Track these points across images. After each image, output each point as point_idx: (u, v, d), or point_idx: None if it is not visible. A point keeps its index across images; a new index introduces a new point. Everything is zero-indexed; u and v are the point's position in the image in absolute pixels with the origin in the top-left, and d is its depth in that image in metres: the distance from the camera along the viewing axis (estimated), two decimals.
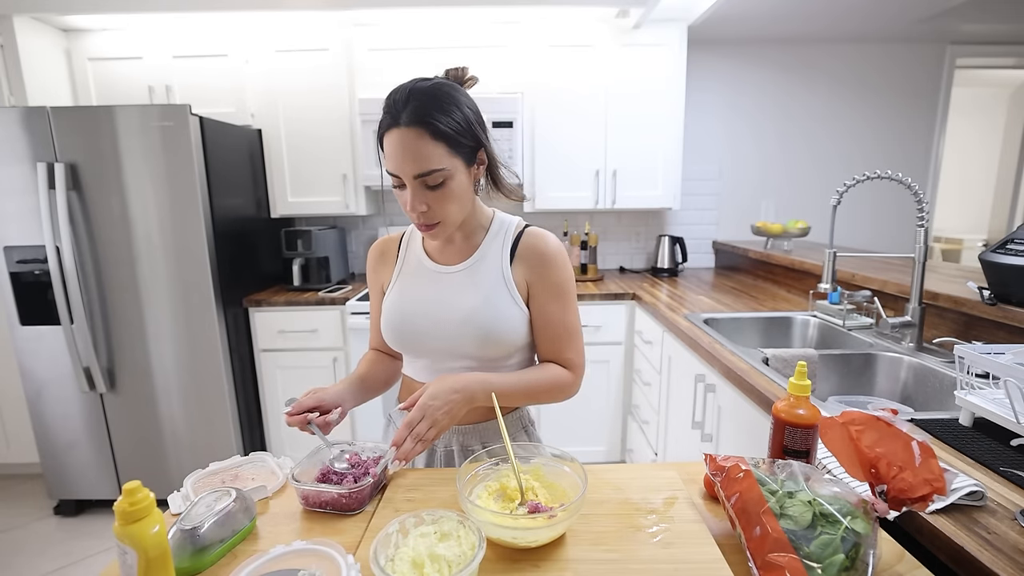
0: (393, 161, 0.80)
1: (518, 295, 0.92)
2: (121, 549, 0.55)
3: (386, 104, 0.82)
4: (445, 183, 0.82)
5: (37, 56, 2.32)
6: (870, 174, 1.34)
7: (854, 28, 2.65)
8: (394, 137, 0.79)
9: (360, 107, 2.36)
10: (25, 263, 2.07)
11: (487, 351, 0.91)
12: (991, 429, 0.92)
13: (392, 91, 0.82)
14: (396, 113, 0.79)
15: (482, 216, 0.96)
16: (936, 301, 1.43)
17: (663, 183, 2.58)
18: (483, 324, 0.89)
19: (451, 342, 0.91)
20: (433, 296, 0.92)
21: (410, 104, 0.79)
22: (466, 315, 0.89)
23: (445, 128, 0.79)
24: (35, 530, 2.18)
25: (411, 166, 0.79)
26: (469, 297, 0.90)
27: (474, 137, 0.84)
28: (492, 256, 0.93)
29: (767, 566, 0.57)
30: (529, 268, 0.92)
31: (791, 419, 0.74)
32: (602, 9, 2.34)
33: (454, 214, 0.86)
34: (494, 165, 0.91)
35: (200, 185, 2.07)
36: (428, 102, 0.79)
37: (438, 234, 0.87)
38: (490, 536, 0.65)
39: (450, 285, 0.93)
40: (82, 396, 2.18)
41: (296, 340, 2.36)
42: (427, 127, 0.78)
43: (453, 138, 0.80)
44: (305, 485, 0.75)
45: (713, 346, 1.51)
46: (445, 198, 0.83)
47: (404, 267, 0.98)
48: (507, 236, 0.95)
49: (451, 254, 0.95)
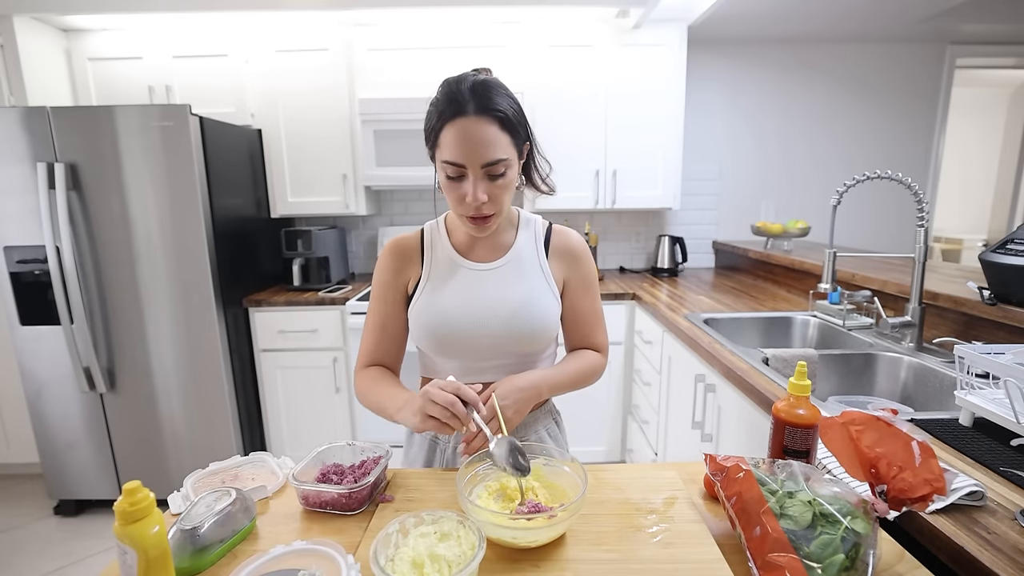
0: (459, 150, 0.79)
1: (556, 289, 0.95)
2: (121, 549, 0.55)
3: (444, 96, 0.81)
4: (506, 173, 0.83)
5: (37, 56, 2.32)
6: (870, 174, 1.34)
7: (854, 28, 2.65)
8: (461, 126, 0.79)
9: (360, 107, 2.36)
10: (25, 263, 2.07)
11: (527, 346, 0.93)
12: (991, 429, 0.92)
13: (447, 84, 0.82)
14: (461, 103, 0.79)
15: (510, 213, 0.98)
16: (936, 301, 1.43)
17: (663, 183, 2.58)
18: (530, 318, 0.91)
19: (496, 339, 0.91)
20: (477, 294, 0.92)
21: (476, 94, 0.79)
22: (513, 310, 0.90)
23: (510, 116, 0.81)
24: (35, 530, 2.18)
25: (480, 154, 0.79)
26: (515, 292, 0.91)
27: (526, 128, 0.86)
28: (528, 252, 0.95)
29: (767, 566, 0.57)
30: (565, 264, 0.96)
31: (791, 419, 0.74)
32: (602, 9, 2.34)
33: (506, 205, 0.87)
34: (531, 159, 0.93)
35: (200, 185, 2.07)
36: (493, 93, 0.80)
37: (489, 226, 0.87)
38: (490, 536, 0.65)
39: (492, 282, 0.92)
40: (82, 396, 2.18)
41: (296, 340, 2.36)
42: (495, 116, 0.79)
43: (515, 128, 0.82)
44: (305, 485, 0.75)
45: (713, 346, 1.51)
46: (503, 189, 0.83)
47: (434, 266, 0.94)
48: (537, 232, 0.97)
49: (484, 251, 0.95)
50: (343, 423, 2.45)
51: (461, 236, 0.96)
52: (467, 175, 0.81)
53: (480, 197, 0.81)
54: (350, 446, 0.85)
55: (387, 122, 2.36)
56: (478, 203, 0.82)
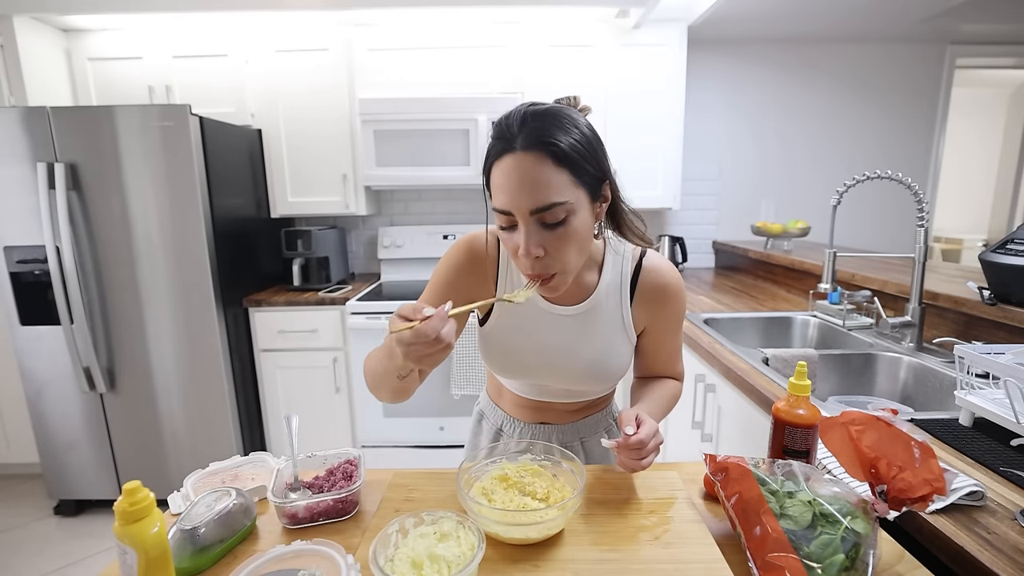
0: (506, 193, 0.67)
1: (634, 335, 0.89)
2: (121, 549, 0.55)
3: (496, 130, 0.70)
4: (567, 220, 0.68)
5: (37, 56, 2.32)
6: (870, 174, 1.34)
7: (854, 28, 2.65)
8: (508, 164, 0.67)
9: (360, 107, 2.36)
10: (25, 263, 2.07)
11: (596, 388, 0.91)
12: (991, 429, 0.92)
13: (503, 116, 0.69)
14: (510, 137, 0.67)
15: (594, 250, 0.85)
16: (936, 301, 1.43)
17: (663, 183, 2.58)
18: (604, 374, 0.87)
19: (566, 384, 0.89)
20: (549, 340, 0.85)
21: (527, 125, 0.66)
22: (588, 363, 0.85)
23: (567, 150, 0.66)
24: (35, 530, 2.18)
25: (529, 199, 0.66)
26: (591, 347, 0.85)
27: (598, 164, 0.71)
28: (611, 298, 0.85)
29: (767, 566, 0.57)
30: (651, 307, 0.87)
31: (791, 419, 0.74)
32: (602, 9, 2.34)
33: (574, 261, 0.72)
34: (617, 201, 0.79)
35: (200, 185, 2.07)
36: (548, 122, 0.67)
37: (556, 287, 0.74)
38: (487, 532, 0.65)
39: (567, 329, 0.84)
40: (82, 396, 2.18)
41: (296, 340, 2.36)
42: (547, 150, 0.65)
43: (577, 163, 0.67)
44: (300, 500, 0.72)
45: (713, 346, 1.51)
46: (565, 240, 0.69)
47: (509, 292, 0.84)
48: (624, 272, 0.86)
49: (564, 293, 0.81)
50: (343, 423, 2.45)
51: None
52: (518, 224, 0.69)
53: (533, 251, 0.68)
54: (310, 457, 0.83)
55: (387, 122, 2.36)
56: (531, 257, 0.69)
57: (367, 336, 2.29)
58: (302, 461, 0.82)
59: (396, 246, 2.78)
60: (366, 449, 2.42)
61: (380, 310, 2.28)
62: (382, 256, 2.79)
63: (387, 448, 2.42)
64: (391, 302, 2.30)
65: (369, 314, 2.27)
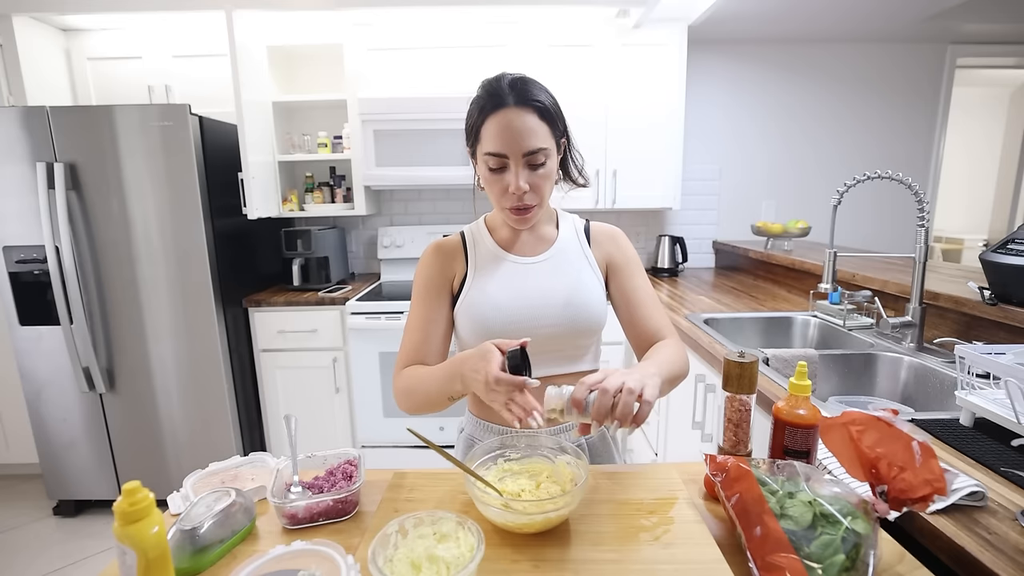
0: (500, 140, 0.83)
1: (599, 274, 0.97)
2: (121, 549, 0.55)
3: (485, 91, 0.86)
4: (546, 163, 0.85)
5: (36, 56, 2.32)
6: (870, 174, 1.34)
7: (855, 28, 2.65)
8: (502, 117, 0.83)
9: (360, 107, 2.36)
10: (24, 263, 2.07)
11: (580, 336, 0.94)
12: (992, 429, 0.92)
13: (487, 81, 0.87)
14: (502, 96, 0.83)
15: (550, 211, 1.01)
16: (937, 301, 1.43)
17: (663, 183, 2.58)
18: (583, 306, 0.92)
19: (550, 329, 0.91)
20: (527, 285, 0.93)
21: (515, 88, 0.84)
22: (566, 299, 0.92)
23: (548, 107, 0.85)
24: (34, 530, 2.18)
25: (522, 143, 0.83)
26: (564, 282, 0.93)
27: (563, 120, 0.90)
28: (571, 243, 0.98)
29: (767, 566, 0.57)
30: (605, 246, 0.99)
31: (791, 419, 0.74)
32: (602, 9, 2.34)
33: (547, 196, 0.89)
34: (567, 153, 0.95)
35: (200, 185, 2.07)
36: (531, 86, 0.85)
37: (531, 218, 0.89)
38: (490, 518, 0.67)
39: (541, 273, 0.94)
40: (81, 396, 2.18)
41: (296, 340, 2.36)
42: (535, 107, 0.83)
43: (552, 119, 0.86)
44: (299, 501, 0.72)
45: (713, 346, 1.51)
46: (544, 179, 0.86)
47: (479, 262, 0.95)
48: (577, 225, 1.01)
49: (528, 246, 0.97)
50: (343, 423, 2.45)
51: (504, 233, 0.98)
52: (509, 166, 0.84)
53: (522, 186, 0.84)
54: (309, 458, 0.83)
55: (387, 122, 2.36)
56: (520, 192, 0.84)
57: (367, 336, 2.29)
58: (302, 461, 0.82)
59: (396, 246, 2.78)
60: (366, 449, 2.41)
61: (380, 310, 2.27)
62: (382, 256, 2.79)
63: (387, 448, 2.41)
64: (391, 302, 2.30)
65: (369, 314, 2.27)
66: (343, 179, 2.72)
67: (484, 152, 0.85)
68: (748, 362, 0.77)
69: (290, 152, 2.63)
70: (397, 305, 2.28)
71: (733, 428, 0.80)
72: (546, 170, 0.86)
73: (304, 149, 2.66)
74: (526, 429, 0.73)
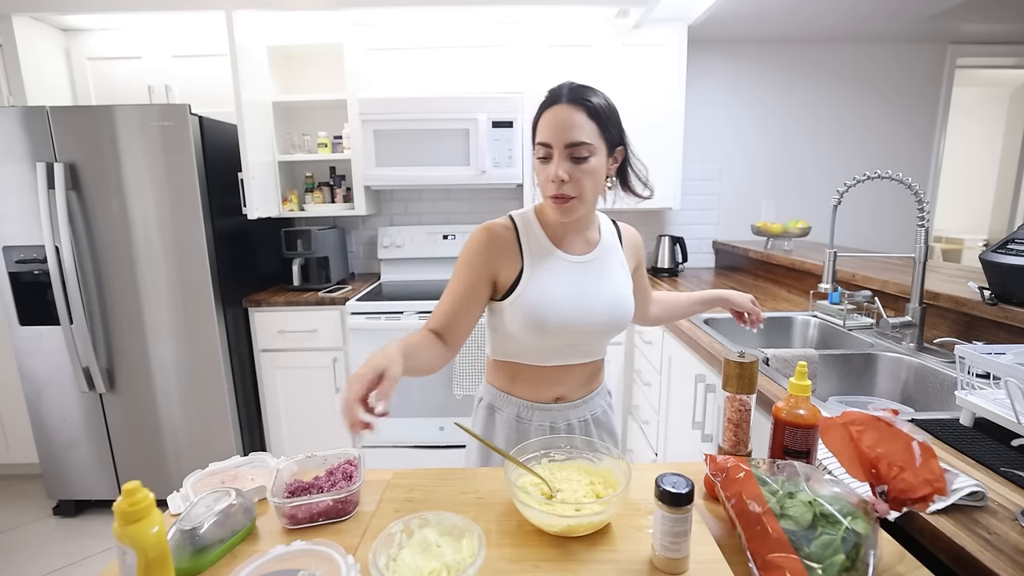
0: (547, 131, 0.89)
1: (629, 276, 1.07)
2: (121, 549, 0.55)
3: (548, 93, 0.93)
4: (588, 159, 0.89)
5: (36, 56, 2.32)
6: (870, 174, 1.34)
7: (855, 28, 2.65)
8: (553, 111, 0.89)
9: (360, 107, 2.36)
10: (24, 263, 2.07)
11: (615, 335, 1.03)
12: (992, 429, 0.92)
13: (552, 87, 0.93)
14: (557, 95, 0.90)
15: (595, 215, 1.08)
16: (937, 301, 1.43)
17: (663, 183, 2.58)
18: (625, 307, 1.01)
19: (597, 326, 0.98)
20: (581, 284, 0.98)
21: (572, 89, 0.90)
22: (612, 299, 0.99)
23: (596, 108, 0.89)
24: (34, 530, 2.18)
25: (565, 135, 0.88)
26: (611, 284, 1.01)
27: (618, 128, 0.94)
28: (611, 247, 1.05)
29: (767, 566, 0.57)
30: (632, 252, 1.10)
31: (791, 419, 0.74)
32: (602, 9, 2.34)
33: (588, 193, 0.92)
34: (627, 163, 1.00)
35: (200, 185, 2.07)
36: (586, 90, 0.91)
37: (570, 210, 0.93)
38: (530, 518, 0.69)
39: (591, 273, 1.00)
40: (81, 396, 2.18)
41: (296, 340, 2.36)
42: (583, 106, 0.89)
43: (602, 120, 0.90)
44: (298, 500, 0.72)
45: (713, 346, 1.51)
46: (585, 173, 0.90)
47: (534, 256, 0.98)
48: (611, 230, 1.09)
49: (576, 246, 1.02)
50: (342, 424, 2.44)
51: (556, 229, 1.01)
52: (553, 156, 0.89)
53: (561, 174, 0.88)
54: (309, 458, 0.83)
55: (387, 122, 2.36)
56: (558, 179, 0.88)
57: (367, 336, 2.29)
58: (302, 461, 0.82)
59: (396, 246, 2.78)
60: (366, 449, 2.41)
61: (380, 310, 2.27)
62: (382, 256, 2.79)
63: (387, 448, 2.42)
64: (391, 302, 2.30)
65: (369, 314, 2.27)
66: (343, 179, 2.72)
67: (536, 142, 0.92)
68: (748, 362, 0.77)
69: (290, 152, 2.63)
70: (397, 305, 2.27)
71: (733, 428, 0.80)
72: (588, 166, 0.89)
73: (304, 149, 2.66)
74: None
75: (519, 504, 0.68)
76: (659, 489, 0.60)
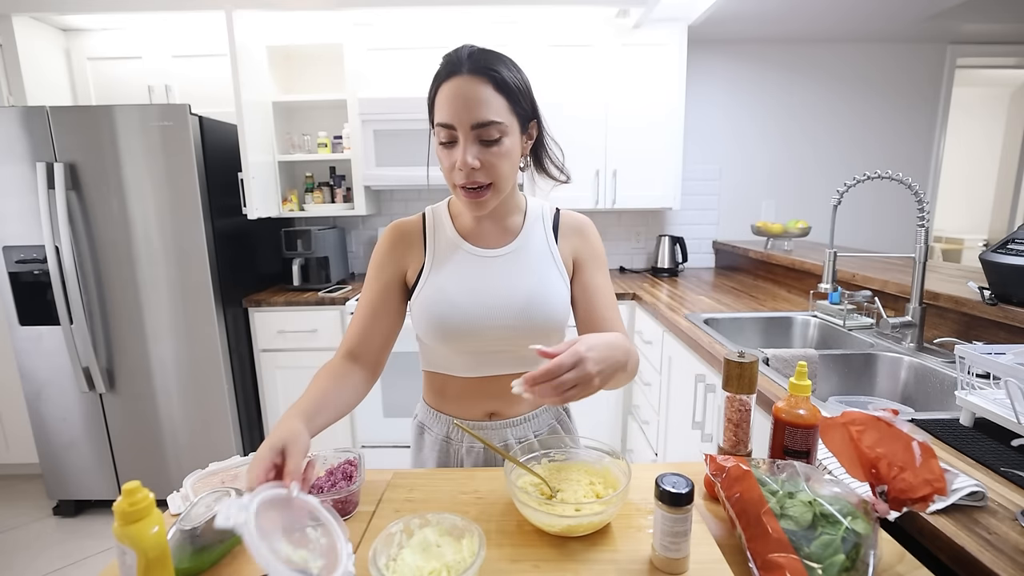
0: (449, 109, 0.75)
1: (564, 272, 0.90)
2: (121, 549, 0.55)
3: (444, 60, 0.78)
4: (501, 140, 0.77)
5: (36, 56, 2.32)
6: (870, 174, 1.34)
7: (855, 28, 2.65)
8: (453, 85, 0.75)
9: (360, 107, 2.36)
10: (24, 263, 2.07)
11: (537, 339, 0.83)
12: (992, 429, 0.92)
13: (451, 51, 0.78)
14: (457, 63, 0.75)
15: (518, 198, 0.93)
16: (937, 301, 1.43)
17: (663, 183, 2.58)
18: (543, 308, 0.86)
19: (506, 331, 0.85)
20: (485, 282, 0.86)
21: (472, 57, 0.75)
22: (525, 300, 0.85)
23: (506, 80, 0.76)
24: (34, 530, 2.18)
25: (470, 114, 0.74)
26: (525, 281, 0.87)
27: (531, 102, 0.82)
28: (536, 236, 0.91)
29: (767, 566, 0.57)
30: (573, 240, 0.92)
31: (791, 419, 0.74)
32: (602, 9, 2.34)
33: (505, 178, 0.80)
34: (542, 141, 0.88)
35: (200, 185, 2.07)
36: (491, 56, 0.77)
37: (486, 202, 0.81)
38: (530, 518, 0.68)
39: (501, 269, 0.87)
40: (81, 396, 2.18)
41: (296, 340, 2.36)
42: (490, 77, 0.75)
43: (514, 94, 0.77)
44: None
45: (713, 346, 1.51)
46: (498, 157, 0.77)
47: (437, 252, 0.88)
48: (545, 215, 0.93)
49: (491, 237, 0.89)
50: (343, 423, 2.45)
51: (466, 220, 0.90)
52: (458, 139, 0.76)
53: (470, 161, 0.75)
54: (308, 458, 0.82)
55: (387, 122, 2.36)
56: (467, 167, 0.76)
57: None
58: None
59: None
60: (366, 449, 2.41)
61: None
62: None
63: (387, 448, 2.41)
64: None
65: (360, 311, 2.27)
66: (343, 179, 2.72)
67: (435, 124, 0.78)
68: (748, 362, 0.77)
69: (290, 152, 2.63)
70: None
71: (733, 428, 0.80)
72: (501, 148, 0.77)
73: (304, 149, 2.66)
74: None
75: (519, 504, 0.68)
76: (659, 489, 0.60)
